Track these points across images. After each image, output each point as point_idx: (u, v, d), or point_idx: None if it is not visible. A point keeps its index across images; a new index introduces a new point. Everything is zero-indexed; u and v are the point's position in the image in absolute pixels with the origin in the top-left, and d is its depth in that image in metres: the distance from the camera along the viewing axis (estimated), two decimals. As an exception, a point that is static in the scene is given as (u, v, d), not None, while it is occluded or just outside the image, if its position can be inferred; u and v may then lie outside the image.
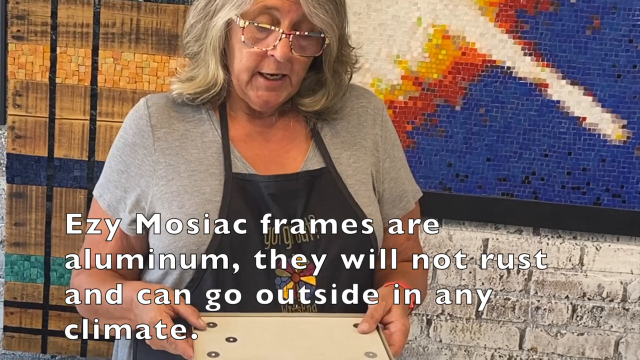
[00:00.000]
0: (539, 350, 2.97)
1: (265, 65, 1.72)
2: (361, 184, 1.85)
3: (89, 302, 1.83)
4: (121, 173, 1.83)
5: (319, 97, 1.83)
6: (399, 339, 1.68)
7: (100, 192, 1.87)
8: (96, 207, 1.88)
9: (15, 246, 2.75)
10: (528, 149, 2.78)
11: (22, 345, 2.84)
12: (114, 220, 1.84)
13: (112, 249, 1.86)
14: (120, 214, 1.83)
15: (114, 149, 1.86)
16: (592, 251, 2.89)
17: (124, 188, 1.82)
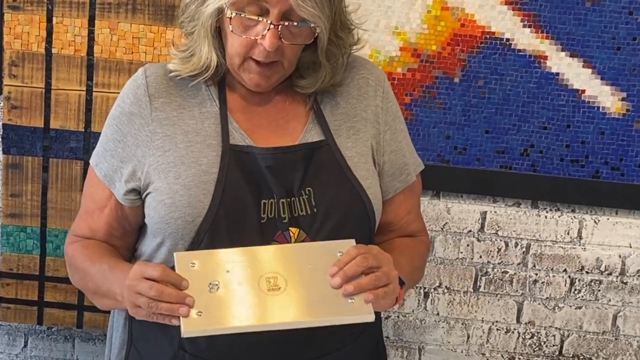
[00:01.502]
0: (536, 324, 3.02)
1: (255, 52, 1.75)
2: (360, 156, 1.88)
3: (82, 277, 1.91)
4: (117, 142, 1.86)
5: (314, 80, 1.85)
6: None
7: (97, 161, 1.90)
8: (92, 176, 1.92)
9: (11, 217, 2.79)
10: (527, 122, 2.83)
11: (18, 316, 2.89)
12: (110, 190, 1.88)
13: (107, 219, 1.90)
14: (115, 183, 1.86)
15: (111, 118, 1.89)
16: (591, 224, 2.94)
17: (120, 158, 1.85)
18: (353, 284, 1.66)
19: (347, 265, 1.67)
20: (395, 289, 1.71)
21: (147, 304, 1.65)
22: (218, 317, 1.64)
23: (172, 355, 1.85)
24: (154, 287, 1.65)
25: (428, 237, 2.09)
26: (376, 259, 1.69)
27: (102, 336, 3.03)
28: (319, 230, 1.80)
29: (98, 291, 1.85)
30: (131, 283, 1.68)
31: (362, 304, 1.65)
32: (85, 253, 1.89)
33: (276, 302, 1.65)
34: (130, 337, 1.95)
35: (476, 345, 3.05)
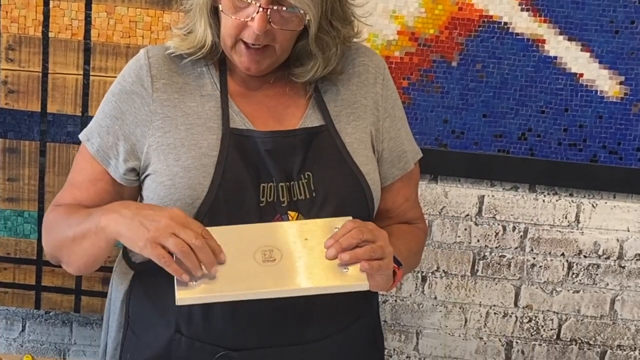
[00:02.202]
0: (534, 308, 3.05)
1: (245, 34, 1.77)
2: (360, 142, 1.90)
3: (60, 231, 1.85)
4: (115, 119, 1.87)
5: (307, 69, 1.87)
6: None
7: (88, 137, 1.90)
8: (83, 151, 1.92)
9: (9, 202, 2.81)
10: (524, 106, 2.84)
11: (16, 300, 2.91)
12: (102, 166, 1.88)
13: (98, 192, 1.90)
14: (110, 161, 1.87)
15: (110, 95, 1.90)
16: (589, 208, 2.96)
17: (117, 135, 1.86)
18: (349, 253, 1.68)
19: (342, 237, 1.69)
20: (389, 264, 1.74)
21: (179, 246, 1.62)
22: (212, 285, 1.66)
23: (168, 338, 1.87)
24: (199, 238, 1.63)
25: (425, 224, 2.11)
26: (372, 233, 1.71)
27: (99, 320, 3.05)
28: (318, 214, 1.81)
29: (77, 235, 1.80)
30: (170, 222, 1.64)
31: (357, 273, 1.68)
32: (67, 211, 1.87)
33: (271, 271, 1.68)
34: (127, 320, 1.97)
35: (474, 329, 3.07)
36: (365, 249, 1.69)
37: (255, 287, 1.66)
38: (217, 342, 1.84)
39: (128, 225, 1.67)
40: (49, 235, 1.91)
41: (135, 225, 1.66)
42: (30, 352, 3.12)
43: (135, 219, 1.67)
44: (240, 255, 1.70)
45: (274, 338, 1.84)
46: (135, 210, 1.69)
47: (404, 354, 3.10)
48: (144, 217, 1.66)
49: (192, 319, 1.84)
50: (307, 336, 1.86)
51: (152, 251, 1.64)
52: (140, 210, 1.69)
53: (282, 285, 1.67)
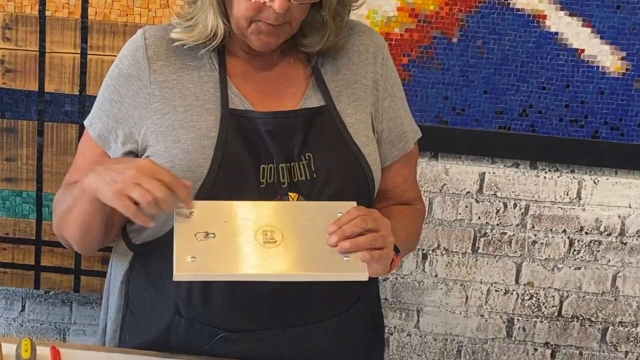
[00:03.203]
0: (535, 285, 3.06)
1: (264, 15, 1.75)
2: (360, 123, 1.90)
3: (61, 203, 1.88)
4: (114, 103, 1.87)
5: (318, 38, 1.87)
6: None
7: (90, 122, 1.92)
8: (87, 137, 1.93)
9: (7, 182, 2.81)
10: (525, 82, 2.84)
11: (15, 281, 2.92)
12: (102, 149, 1.90)
13: None
14: (110, 144, 1.88)
15: (108, 79, 1.90)
16: (590, 185, 2.96)
17: (116, 119, 1.87)
18: (350, 241, 1.67)
19: (346, 225, 1.69)
20: (389, 254, 1.74)
21: (144, 196, 1.63)
22: (211, 264, 1.66)
23: (168, 319, 1.89)
24: (163, 190, 1.64)
25: (424, 205, 2.12)
26: (375, 222, 1.71)
27: (99, 300, 3.06)
28: (318, 195, 1.82)
29: (70, 205, 1.82)
30: (135, 174, 1.64)
31: (357, 262, 1.68)
32: (66, 187, 1.90)
33: (271, 254, 1.68)
34: (126, 301, 1.98)
35: (475, 307, 3.09)
36: (367, 237, 1.68)
37: (254, 269, 1.67)
38: (217, 324, 1.86)
39: (100, 180, 1.69)
40: (54, 215, 1.94)
41: (106, 179, 1.67)
42: (30, 331, 3.13)
43: (106, 173, 1.68)
44: (242, 233, 1.70)
45: (274, 320, 1.86)
46: (106, 166, 1.71)
47: (405, 331, 3.12)
48: (113, 171, 1.68)
49: (192, 301, 1.85)
50: (307, 318, 1.88)
51: (118, 202, 1.65)
52: (111, 164, 1.73)
53: (280, 270, 1.67)
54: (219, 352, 1.87)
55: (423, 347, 3.13)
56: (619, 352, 3.11)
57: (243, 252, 1.68)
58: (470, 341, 3.12)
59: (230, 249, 1.68)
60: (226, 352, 1.87)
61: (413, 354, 3.14)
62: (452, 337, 3.12)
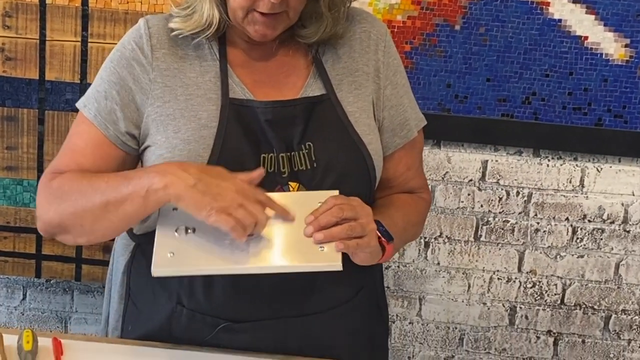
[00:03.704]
0: (538, 273, 3.06)
1: (260, 4, 1.74)
2: (362, 111, 1.89)
3: (82, 197, 1.77)
4: (113, 84, 1.85)
5: (315, 29, 1.86)
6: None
7: (85, 103, 1.88)
8: (82, 118, 1.89)
9: (7, 170, 2.81)
10: (529, 69, 2.83)
11: (16, 269, 2.92)
12: (101, 131, 1.85)
13: (104, 155, 1.86)
14: (109, 125, 1.84)
15: (109, 62, 1.88)
16: (593, 172, 2.96)
17: (115, 100, 1.84)
18: (323, 232, 1.67)
19: (322, 215, 1.69)
20: (370, 241, 1.72)
21: (247, 218, 1.63)
22: (189, 259, 1.66)
23: (170, 310, 1.89)
24: (263, 213, 1.65)
25: (429, 193, 2.10)
26: (353, 210, 1.70)
27: (100, 288, 3.07)
28: (319, 185, 1.82)
29: (112, 200, 1.72)
30: (238, 196, 1.64)
31: (332, 253, 1.67)
32: (83, 175, 1.80)
33: (247, 247, 1.68)
34: (128, 291, 1.98)
35: (477, 295, 3.09)
36: (342, 227, 1.68)
37: (230, 263, 1.67)
38: (218, 314, 1.86)
39: (190, 191, 1.64)
40: (59, 204, 1.79)
41: (201, 192, 1.64)
42: (31, 320, 3.13)
43: (199, 186, 1.64)
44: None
45: (276, 310, 1.85)
46: (197, 175, 1.66)
47: (407, 319, 3.12)
48: (208, 185, 1.65)
49: (193, 291, 1.85)
50: (309, 308, 1.87)
51: (219, 217, 1.62)
52: (202, 175, 1.66)
53: (256, 263, 1.68)
54: (220, 342, 1.87)
55: (425, 335, 3.14)
56: (621, 340, 3.11)
57: (221, 246, 1.68)
58: (472, 329, 3.12)
59: (208, 243, 1.68)
60: (228, 342, 1.87)
61: (415, 342, 3.14)
62: (454, 325, 3.12)
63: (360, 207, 1.72)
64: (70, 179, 1.80)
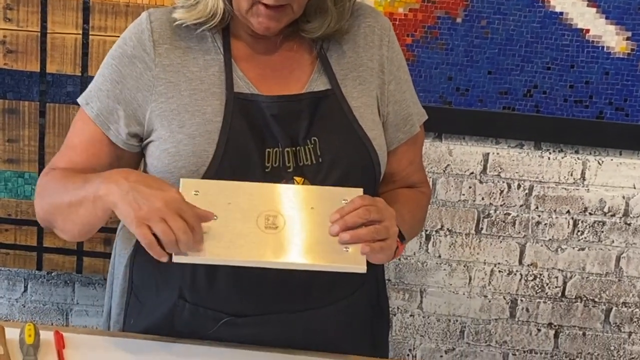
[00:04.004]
0: (538, 266, 3.06)
1: None
2: (366, 107, 1.89)
3: (55, 194, 1.82)
4: (115, 83, 1.85)
5: (319, 24, 1.85)
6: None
7: (87, 100, 1.88)
8: (83, 116, 1.89)
9: (9, 163, 2.80)
10: (530, 62, 2.83)
11: (17, 262, 2.92)
12: (101, 130, 1.86)
13: (97, 153, 1.87)
14: (110, 125, 1.85)
15: (110, 59, 1.87)
16: (594, 165, 2.96)
17: (117, 99, 1.84)
18: (350, 233, 1.66)
19: (348, 215, 1.68)
20: (392, 245, 1.72)
21: (166, 235, 1.60)
22: (210, 247, 1.65)
23: (172, 304, 1.88)
24: (187, 233, 1.60)
25: (429, 188, 2.11)
26: (379, 212, 1.69)
27: (102, 280, 3.07)
28: (324, 180, 1.81)
29: (73, 201, 1.76)
30: (163, 207, 1.61)
31: (356, 255, 1.66)
32: (63, 174, 1.84)
33: (271, 240, 1.67)
34: (130, 285, 1.98)
35: (478, 288, 3.09)
36: (369, 230, 1.67)
37: (252, 255, 1.66)
38: (221, 308, 1.85)
39: (122, 199, 1.65)
40: (42, 199, 1.86)
41: (129, 200, 1.64)
42: (32, 312, 3.14)
43: (130, 194, 1.64)
44: (244, 216, 1.70)
45: (278, 304, 1.85)
46: (133, 184, 1.66)
47: (408, 312, 3.12)
48: (138, 194, 1.64)
49: (196, 285, 1.85)
50: (312, 302, 1.87)
51: (138, 230, 1.62)
52: (137, 184, 1.66)
53: (278, 257, 1.66)
54: (223, 337, 1.87)
55: (426, 328, 3.14)
56: (622, 332, 3.12)
57: (243, 237, 1.67)
58: (473, 322, 3.12)
59: (230, 233, 1.67)
60: (231, 336, 1.86)
61: (416, 334, 3.14)
62: (455, 317, 3.13)
63: (385, 209, 1.72)
64: (54, 177, 1.85)
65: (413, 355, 3.16)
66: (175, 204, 1.62)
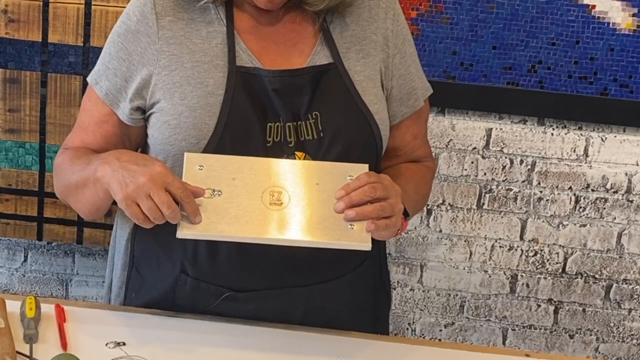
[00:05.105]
0: (540, 241, 3.06)
1: None
2: (369, 80, 1.88)
3: (67, 177, 1.86)
4: (122, 61, 1.85)
5: None
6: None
7: (96, 80, 1.89)
8: (91, 93, 1.91)
9: (10, 133, 2.80)
10: (535, 37, 2.81)
11: (18, 232, 2.91)
12: (110, 108, 1.87)
13: (105, 133, 1.89)
14: (120, 103, 1.86)
15: (115, 36, 1.87)
16: (598, 142, 2.95)
17: (125, 77, 1.85)
18: (355, 210, 1.66)
19: (354, 192, 1.67)
20: (397, 222, 1.72)
21: (152, 211, 1.63)
22: (215, 223, 1.66)
23: (174, 278, 1.88)
24: (171, 207, 1.62)
25: (434, 162, 2.10)
26: (385, 190, 1.69)
27: (102, 251, 3.06)
28: (325, 155, 1.80)
29: (79, 183, 1.81)
30: (147, 182, 1.63)
31: (361, 232, 1.66)
32: (74, 154, 1.88)
33: (275, 217, 1.67)
34: (132, 259, 1.97)
35: (478, 263, 3.08)
36: (374, 207, 1.67)
37: (257, 232, 1.66)
38: (223, 283, 1.85)
39: (113, 178, 1.68)
40: (57, 180, 1.93)
41: (118, 179, 1.67)
42: (32, 282, 3.13)
43: (119, 173, 1.67)
44: (249, 192, 1.69)
45: (280, 279, 1.85)
46: (122, 164, 1.69)
47: (408, 286, 3.12)
48: (126, 172, 1.67)
49: (198, 260, 1.84)
50: (314, 278, 1.87)
51: (127, 209, 1.66)
52: (126, 163, 1.68)
53: (283, 234, 1.66)
54: (224, 311, 1.87)
55: (426, 302, 3.14)
56: (622, 309, 3.12)
57: (248, 214, 1.67)
58: (473, 297, 3.12)
59: (235, 209, 1.67)
60: (232, 311, 1.86)
61: (416, 308, 3.14)
62: (455, 292, 3.13)
63: (391, 186, 1.72)
64: (66, 157, 1.89)
65: (412, 329, 3.16)
66: (160, 178, 1.64)
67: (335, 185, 1.69)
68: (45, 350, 1.70)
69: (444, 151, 2.96)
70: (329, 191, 1.69)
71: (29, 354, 1.69)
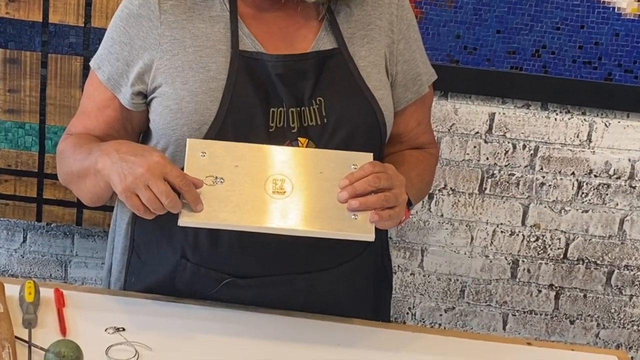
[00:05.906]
0: (542, 227, 3.05)
1: None
2: (373, 66, 1.87)
3: (69, 164, 1.87)
4: (124, 45, 1.84)
5: None
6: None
7: (99, 64, 1.88)
8: (94, 78, 1.90)
9: (9, 113, 2.78)
10: (539, 22, 2.80)
11: (17, 212, 2.91)
12: (112, 92, 1.87)
13: (107, 119, 1.89)
14: (122, 88, 1.85)
15: (117, 20, 1.86)
16: (601, 127, 2.94)
17: (127, 61, 1.84)
18: (359, 200, 1.65)
19: (358, 181, 1.66)
20: (401, 212, 1.71)
21: (151, 202, 1.62)
22: (217, 211, 1.65)
23: (174, 263, 1.87)
24: (170, 196, 1.61)
25: (437, 149, 2.09)
26: (389, 180, 1.68)
27: (101, 233, 3.06)
28: (329, 141, 1.79)
29: (80, 172, 1.82)
30: (145, 173, 1.62)
31: (365, 222, 1.65)
32: (76, 142, 1.88)
33: (278, 206, 1.66)
34: (132, 243, 1.97)
35: (480, 247, 3.08)
36: (378, 197, 1.66)
37: (259, 221, 1.65)
38: (223, 268, 1.84)
39: (113, 170, 1.68)
40: (60, 167, 1.93)
41: (117, 170, 1.67)
42: (31, 263, 3.13)
43: (118, 165, 1.67)
44: (251, 180, 1.68)
45: (282, 266, 1.84)
46: (121, 155, 1.68)
47: (409, 270, 3.11)
48: (125, 163, 1.66)
49: (198, 245, 1.84)
50: (316, 264, 1.86)
51: (127, 200, 1.65)
52: (125, 155, 1.68)
53: (285, 224, 1.65)
54: (225, 297, 1.86)
55: (426, 287, 3.13)
56: (623, 295, 3.11)
57: (250, 202, 1.66)
58: (474, 281, 3.11)
59: (237, 197, 1.66)
60: (232, 297, 1.86)
61: (416, 293, 3.14)
62: (456, 277, 3.12)
63: (395, 176, 1.71)
64: (68, 144, 1.89)
65: (412, 313, 3.16)
66: (158, 168, 1.63)
67: (339, 174, 1.68)
68: (44, 335, 1.69)
69: (446, 135, 2.94)
70: (332, 180, 1.68)
71: (28, 339, 1.68)
